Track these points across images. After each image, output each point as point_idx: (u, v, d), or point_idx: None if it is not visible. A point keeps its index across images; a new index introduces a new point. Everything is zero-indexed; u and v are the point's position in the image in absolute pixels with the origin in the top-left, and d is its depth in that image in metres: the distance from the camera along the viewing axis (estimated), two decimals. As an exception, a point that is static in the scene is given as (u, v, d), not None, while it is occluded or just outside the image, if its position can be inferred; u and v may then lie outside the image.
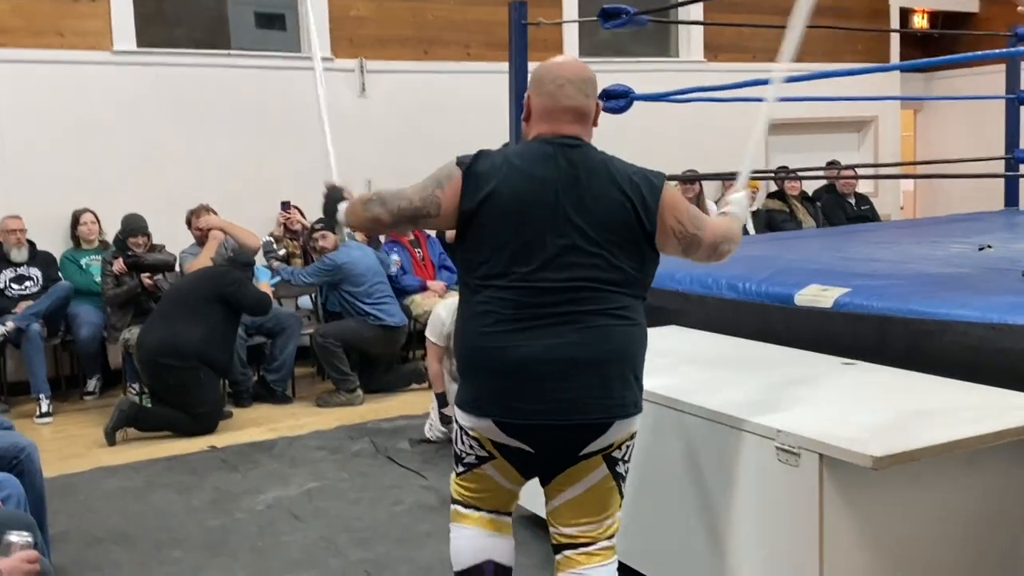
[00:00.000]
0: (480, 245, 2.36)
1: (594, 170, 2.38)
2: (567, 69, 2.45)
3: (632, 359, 2.42)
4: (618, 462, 2.44)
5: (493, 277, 2.34)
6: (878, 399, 2.86)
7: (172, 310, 5.55)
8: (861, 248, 5.30)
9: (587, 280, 2.33)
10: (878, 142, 10.28)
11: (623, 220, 2.36)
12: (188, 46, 7.18)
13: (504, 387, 2.32)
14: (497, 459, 2.45)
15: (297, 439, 5.28)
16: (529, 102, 2.46)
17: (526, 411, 2.31)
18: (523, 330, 2.31)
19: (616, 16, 5.05)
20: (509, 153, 2.43)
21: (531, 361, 2.29)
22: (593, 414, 2.32)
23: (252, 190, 6.93)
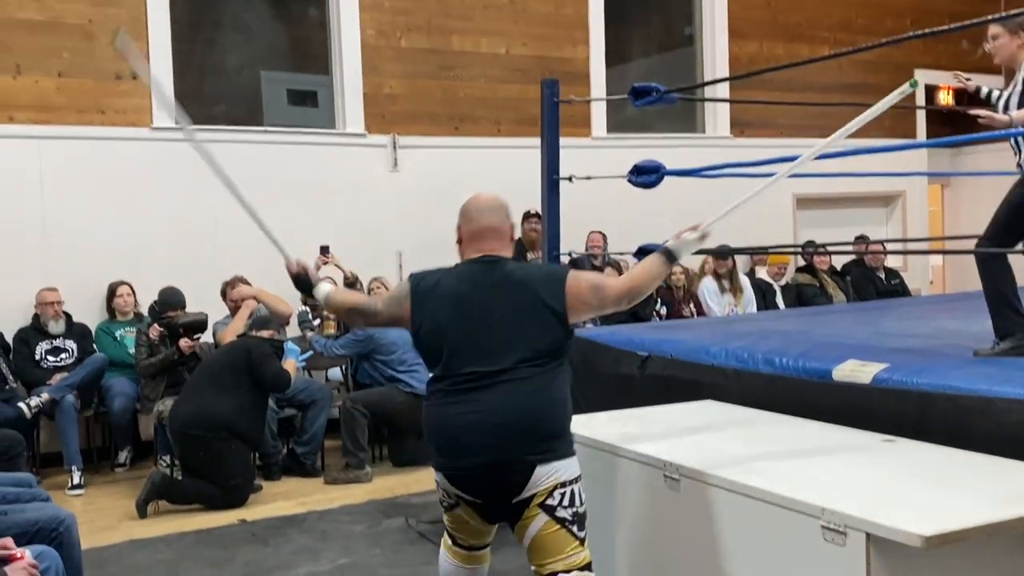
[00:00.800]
0: (427, 348, 3.00)
1: (509, 277, 2.97)
2: (484, 201, 3.11)
3: (539, 418, 2.88)
4: (556, 508, 2.86)
5: (438, 367, 2.95)
6: (922, 477, 2.82)
7: (204, 382, 5.59)
8: (895, 323, 5.28)
9: (505, 363, 2.86)
10: (906, 216, 10.30)
11: (534, 312, 2.90)
12: (225, 123, 7.35)
13: (447, 448, 2.91)
14: (460, 505, 2.99)
15: (327, 513, 5.25)
16: (460, 231, 3.08)
17: (455, 464, 2.90)
18: (455, 406, 2.90)
19: (646, 94, 5.12)
20: (444, 273, 3.05)
21: (464, 429, 2.86)
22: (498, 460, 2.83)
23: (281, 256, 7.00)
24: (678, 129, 9.06)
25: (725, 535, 2.89)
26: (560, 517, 2.85)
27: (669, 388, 4.45)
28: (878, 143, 8.94)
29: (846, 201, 9.72)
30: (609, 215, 7.74)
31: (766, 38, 9.37)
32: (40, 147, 6.52)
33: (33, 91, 6.54)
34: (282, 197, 7.22)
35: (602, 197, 6.92)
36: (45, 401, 5.85)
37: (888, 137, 9.74)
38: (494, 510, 2.96)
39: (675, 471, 3.07)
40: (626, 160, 5.63)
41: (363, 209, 7.46)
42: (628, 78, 8.63)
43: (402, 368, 6.14)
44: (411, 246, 7.60)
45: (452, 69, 7.95)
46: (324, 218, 7.28)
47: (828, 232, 9.34)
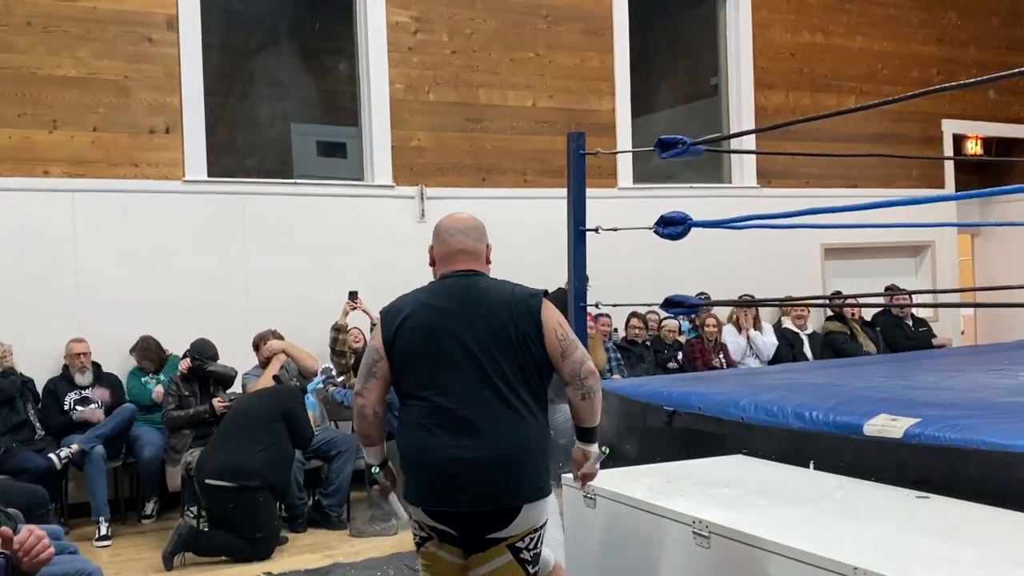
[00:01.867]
0: (401, 366, 2.88)
1: (485, 295, 2.89)
2: (456, 222, 3.03)
3: (528, 453, 2.83)
4: (522, 550, 2.86)
5: (414, 390, 2.86)
6: (956, 536, 2.77)
7: (234, 431, 5.60)
8: (926, 376, 5.21)
9: (487, 386, 2.80)
10: (935, 266, 10.22)
11: (513, 331, 2.83)
12: (256, 175, 7.46)
13: (426, 482, 2.82)
14: (434, 539, 2.89)
15: (353, 567, 5.21)
16: (432, 252, 3.02)
17: (441, 501, 2.81)
18: (435, 434, 2.80)
19: (673, 146, 5.14)
20: (418, 292, 2.97)
21: (442, 461, 2.79)
22: (488, 504, 2.78)
23: (314, 312, 7.05)
24: (704, 179, 9.09)
25: (755, 594, 2.84)
26: (522, 559, 2.86)
27: (698, 442, 4.41)
28: (906, 194, 8.95)
29: (874, 251, 9.67)
30: (635, 266, 7.74)
31: (792, 88, 9.40)
32: (74, 200, 6.63)
33: (68, 146, 6.67)
34: (312, 247, 7.32)
35: (628, 248, 6.93)
36: (75, 452, 5.88)
37: (917, 187, 9.73)
38: (467, 542, 2.87)
39: (705, 528, 3.03)
40: (652, 211, 5.64)
41: (391, 259, 7.50)
42: (654, 129, 8.70)
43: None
44: (438, 297, 7.62)
45: (479, 122, 8.03)
46: (352, 268, 7.33)
47: (856, 282, 9.29)
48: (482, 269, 2.99)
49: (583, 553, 3.68)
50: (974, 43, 10.43)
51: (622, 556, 3.43)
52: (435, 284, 2.98)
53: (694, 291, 6.27)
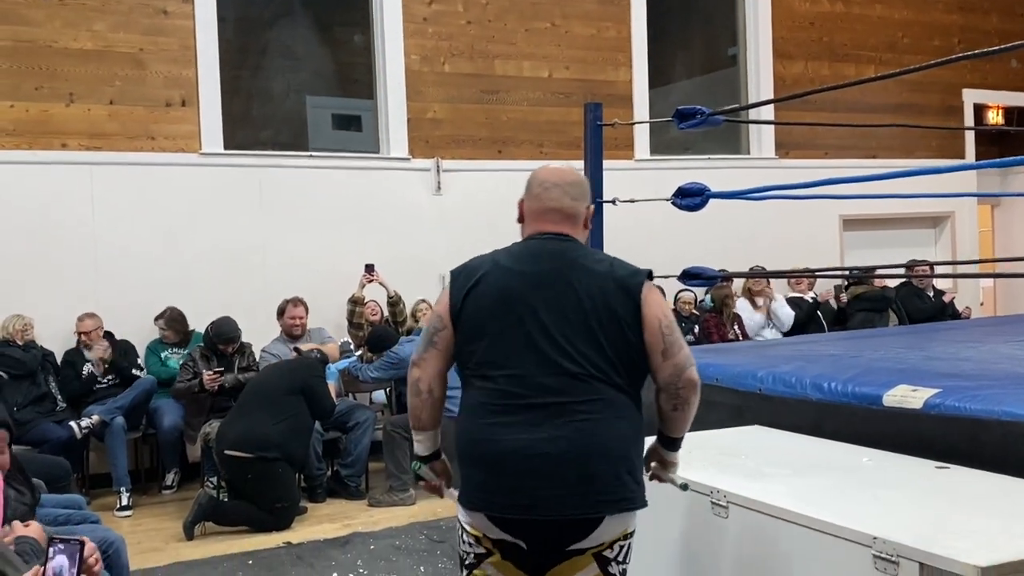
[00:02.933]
0: (469, 337, 2.44)
1: (577, 263, 2.45)
2: (554, 174, 2.56)
3: (618, 454, 2.40)
4: (611, 562, 2.42)
5: (482, 368, 2.42)
6: (977, 505, 2.76)
7: (253, 403, 5.64)
8: (946, 347, 5.18)
9: (570, 373, 2.37)
10: (955, 237, 10.14)
11: (605, 312, 2.39)
12: (271, 147, 7.46)
13: (492, 480, 2.36)
14: (494, 555, 2.42)
15: (371, 535, 5.26)
16: (521, 206, 2.59)
17: (512, 506, 2.34)
18: (508, 424, 2.36)
19: (691, 117, 5.10)
20: (497, 253, 2.53)
21: (514, 454, 2.34)
22: (572, 511, 2.33)
23: (331, 285, 7.07)
24: (722, 150, 9.02)
25: (773, 563, 2.84)
26: (611, 572, 2.43)
27: (715, 414, 4.40)
28: (926, 164, 8.86)
29: (893, 222, 9.60)
30: (653, 238, 7.71)
31: (811, 58, 9.31)
32: (91, 172, 6.66)
33: (85, 119, 6.68)
34: (328, 220, 7.33)
35: (646, 220, 6.91)
36: (96, 422, 5.93)
37: (936, 157, 9.63)
38: (538, 558, 2.39)
39: (722, 498, 3.03)
40: (669, 182, 5.62)
41: (407, 232, 7.51)
42: (671, 99, 8.64)
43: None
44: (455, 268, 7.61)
45: (495, 93, 8.00)
46: (368, 241, 7.34)
47: (875, 253, 9.23)
48: (577, 235, 2.52)
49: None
50: (996, 12, 10.29)
51: (639, 526, 3.44)
52: (518, 245, 2.52)
53: (712, 263, 6.22)
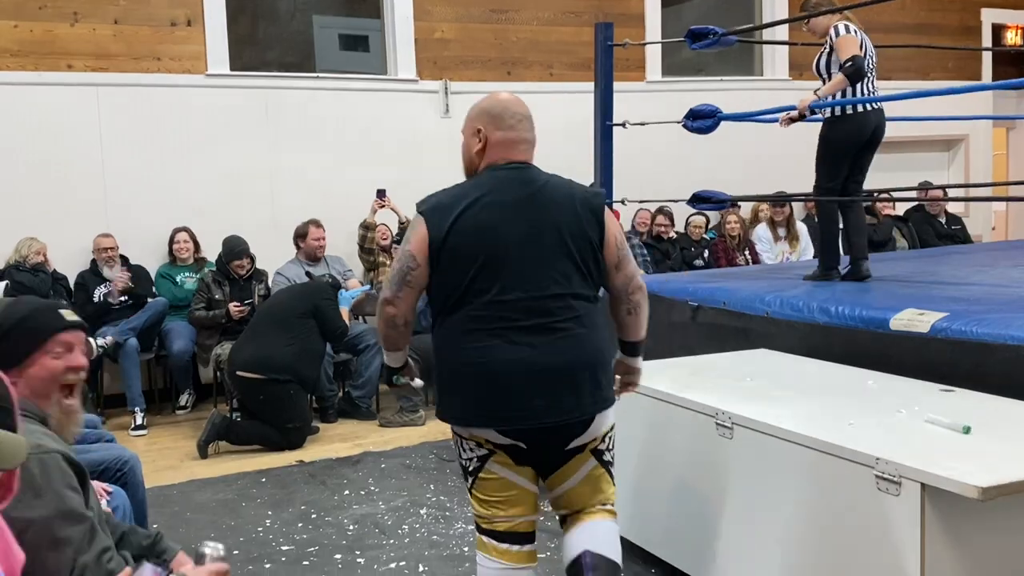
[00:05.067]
0: (453, 267, 2.55)
1: (546, 189, 2.62)
2: (520, 105, 2.71)
3: (600, 360, 2.64)
4: (604, 453, 2.72)
5: (470, 295, 2.55)
6: (980, 428, 2.78)
7: (264, 325, 5.69)
8: (956, 271, 5.18)
9: (555, 294, 2.56)
10: (969, 161, 10.03)
11: (577, 232, 2.60)
12: (278, 69, 7.38)
13: (494, 396, 2.53)
14: (497, 453, 2.62)
15: (382, 455, 5.35)
16: (483, 135, 2.64)
17: (512, 417, 2.54)
18: (504, 344, 2.53)
19: (704, 37, 5.03)
20: (467, 186, 2.64)
21: (513, 371, 2.52)
22: (568, 415, 2.57)
23: (339, 208, 7.06)
24: (735, 72, 8.89)
25: (777, 483, 2.89)
26: (606, 461, 2.72)
27: (723, 337, 4.43)
28: (941, 85, 8.73)
29: (906, 145, 9.48)
30: (664, 161, 7.65)
31: (827, -23, 9.09)
32: (98, 94, 6.60)
33: (90, 39, 6.61)
34: (335, 143, 7.28)
35: (657, 143, 6.86)
36: (109, 343, 5.99)
37: (952, 79, 9.47)
38: (538, 455, 2.63)
39: (727, 419, 3.07)
40: (681, 104, 5.56)
41: (415, 156, 7.46)
42: (684, 20, 8.49)
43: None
44: (463, 192, 7.59)
45: (504, 12, 7.86)
46: (376, 164, 7.30)
47: (888, 176, 9.11)
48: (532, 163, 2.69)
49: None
50: (1017, -72, 10.02)
51: (646, 447, 3.49)
52: (489, 176, 2.62)
53: (724, 187, 6.19)
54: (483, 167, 2.65)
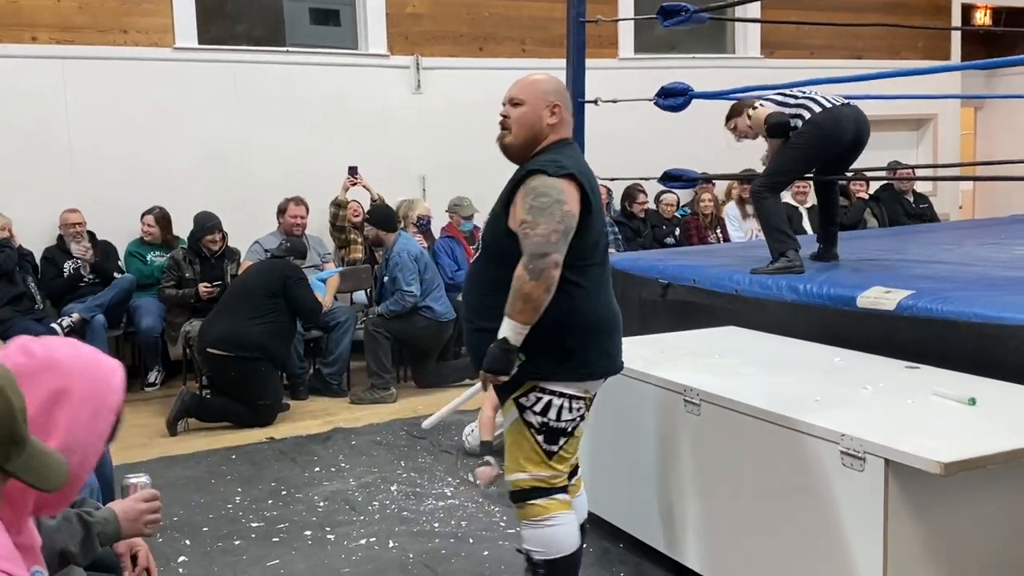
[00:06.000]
0: (591, 228, 2.75)
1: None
2: None
3: None
4: None
5: (596, 255, 2.79)
6: (943, 404, 2.82)
7: (235, 303, 5.65)
8: (922, 249, 5.23)
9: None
10: (937, 140, 10.12)
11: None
12: (248, 42, 7.30)
13: (612, 346, 2.82)
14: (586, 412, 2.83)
15: (353, 432, 5.34)
16: (559, 112, 2.83)
17: (619, 364, 2.88)
18: (612, 299, 2.86)
19: (676, 14, 5.02)
20: (569, 151, 2.82)
21: (618, 323, 2.87)
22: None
23: (311, 183, 6.99)
24: (707, 50, 8.90)
25: (744, 459, 2.92)
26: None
27: (692, 314, 4.46)
28: (911, 65, 8.78)
29: (876, 124, 9.46)
30: (635, 139, 7.65)
31: (800, -45, 9.11)
32: (64, 67, 6.50)
33: (54, 10, 6.49)
34: (306, 118, 7.22)
35: (629, 120, 6.85)
36: (76, 321, 5.94)
37: (922, 58, 9.53)
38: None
39: (696, 396, 3.09)
40: (654, 82, 5.56)
41: (386, 131, 7.42)
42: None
43: (425, 294, 6.14)
44: (434, 169, 7.57)
45: (477, -13, 7.81)
46: (347, 140, 7.25)
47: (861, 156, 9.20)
48: None
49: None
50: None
51: (615, 422, 3.51)
52: (570, 148, 2.84)
53: (696, 165, 6.20)
54: (554, 140, 2.81)
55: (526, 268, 2.59)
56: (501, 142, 2.85)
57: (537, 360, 2.67)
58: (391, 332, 6.09)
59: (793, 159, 4.45)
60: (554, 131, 2.81)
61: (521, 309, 2.59)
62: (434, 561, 3.58)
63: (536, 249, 2.59)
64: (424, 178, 7.57)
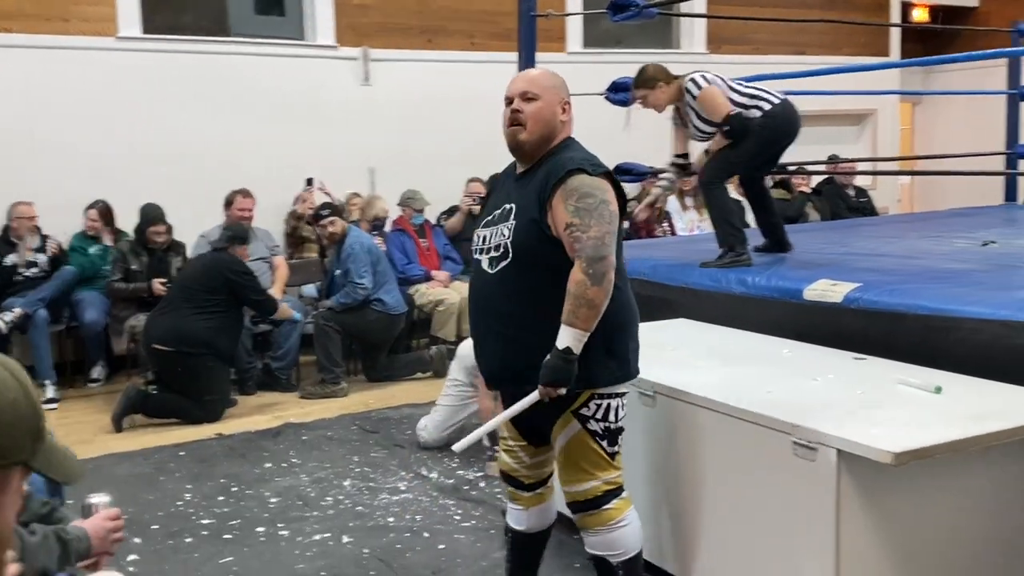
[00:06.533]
0: (621, 230, 2.74)
1: None
2: None
3: None
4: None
5: (622, 255, 2.73)
6: (892, 395, 2.89)
7: (181, 299, 5.56)
8: (866, 242, 5.33)
9: None
10: (877, 135, 10.33)
11: None
12: (193, 32, 7.18)
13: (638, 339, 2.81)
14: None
15: (303, 427, 5.30)
16: (569, 109, 2.80)
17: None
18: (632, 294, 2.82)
19: (625, 9, 5.05)
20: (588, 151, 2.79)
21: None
22: None
23: (259, 176, 6.91)
24: (653, 45, 8.94)
25: (699, 451, 2.96)
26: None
27: (643, 307, 4.48)
28: (853, 61, 8.95)
29: (819, 119, 9.67)
30: (586, 133, 7.67)
31: (745, -49, 9.22)
32: (5, 56, 6.33)
33: (-5, -2, 6.33)
34: (253, 110, 7.12)
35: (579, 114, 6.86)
36: (18, 316, 5.80)
37: (863, 55, 9.71)
38: None
39: (650, 388, 3.12)
40: (602, 76, 5.59)
41: (335, 123, 7.36)
42: (604, -9, 8.49)
43: (376, 286, 6.10)
44: (383, 162, 7.53)
45: (425, -22, 7.78)
46: (295, 132, 7.18)
47: (802, 150, 9.30)
48: None
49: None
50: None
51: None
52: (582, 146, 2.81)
53: (645, 159, 6.24)
54: (564, 137, 2.78)
55: (586, 273, 2.50)
56: (514, 138, 2.72)
57: (591, 367, 2.60)
58: (342, 326, 6.06)
59: (749, 152, 4.39)
60: (564, 128, 2.77)
61: (586, 316, 2.50)
62: (389, 556, 3.57)
63: (594, 253, 2.51)
64: (373, 171, 7.52)
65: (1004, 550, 2.75)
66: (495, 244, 2.68)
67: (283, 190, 7.02)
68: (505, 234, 2.66)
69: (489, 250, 2.70)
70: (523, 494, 2.91)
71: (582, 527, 2.75)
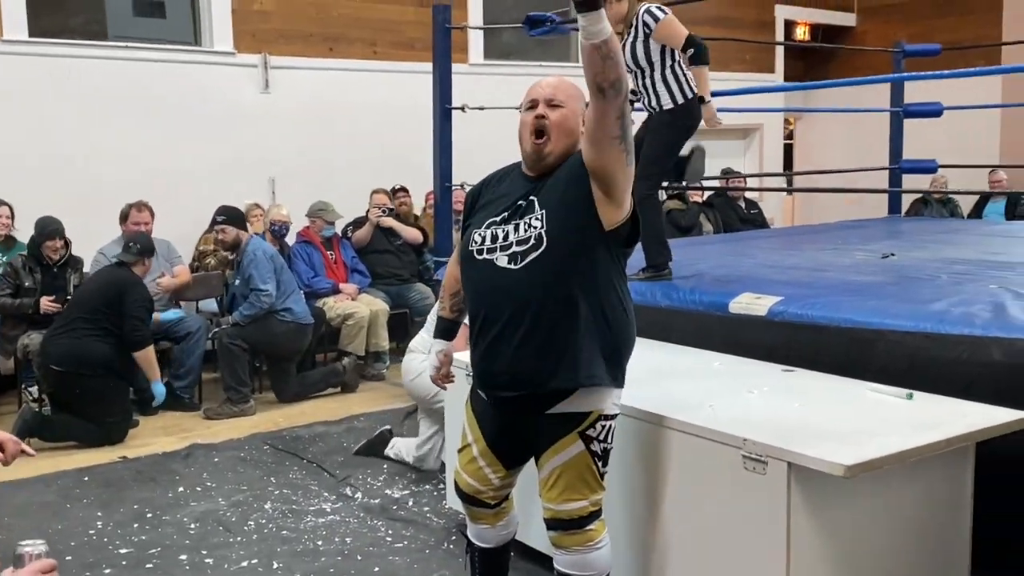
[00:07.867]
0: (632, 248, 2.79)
1: None
2: None
3: None
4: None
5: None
6: (829, 406, 2.98)
7: (80, 318, 5.29)
8: (770, 255, 5.51)
9: None
10: (763, 148, 10.69)
11: None
12: (82, 36, 6.87)
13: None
14: None
15: (213, 448, 5.12)
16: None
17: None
18: None
19: (541, 24, 5.10)
20: None
21: None
22: None
23: (157, 185, 6.66)
24: (550, 58, 9.03)
25: (649, 467, 2.98)
26: None
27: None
28: (739, 77, 9.25)
29: (707, 133, 9.92)
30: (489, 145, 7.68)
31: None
32: None
33: None
34: (149, 117, 6.88)
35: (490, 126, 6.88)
36: None
37: (749, 71, 10.06)
38: None
39: (594, 404, 3.13)
40: (503, 87, 5.62)
41: (233, 131, 7.17)
42: (504, 2, 8.55)
43: (277, 294, 5.93)
44: (284, 171, 7.38)
45: (326, -14, 7.66)
46: (193, 140, 6.97)
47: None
48: None
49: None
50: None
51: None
52: None
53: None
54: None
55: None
56: (539, 151, 2.60)
57: (603, 386, 2.60)
58: (248, 341, 5.86)
59: (666, 145, 4.26)
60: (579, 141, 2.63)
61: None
62: (323, 580, 3.49)
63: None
64: (274, 180, 7.36)
65: (934, 556, 2.87)
66: (520, 238, 2.57)
67: (181, 200, 6.77)
68: (536, 225, 2.55)
69: (508, 247, 2.58)
70: (486, 512, 2.88)
71: (559, 545, 2.70)
